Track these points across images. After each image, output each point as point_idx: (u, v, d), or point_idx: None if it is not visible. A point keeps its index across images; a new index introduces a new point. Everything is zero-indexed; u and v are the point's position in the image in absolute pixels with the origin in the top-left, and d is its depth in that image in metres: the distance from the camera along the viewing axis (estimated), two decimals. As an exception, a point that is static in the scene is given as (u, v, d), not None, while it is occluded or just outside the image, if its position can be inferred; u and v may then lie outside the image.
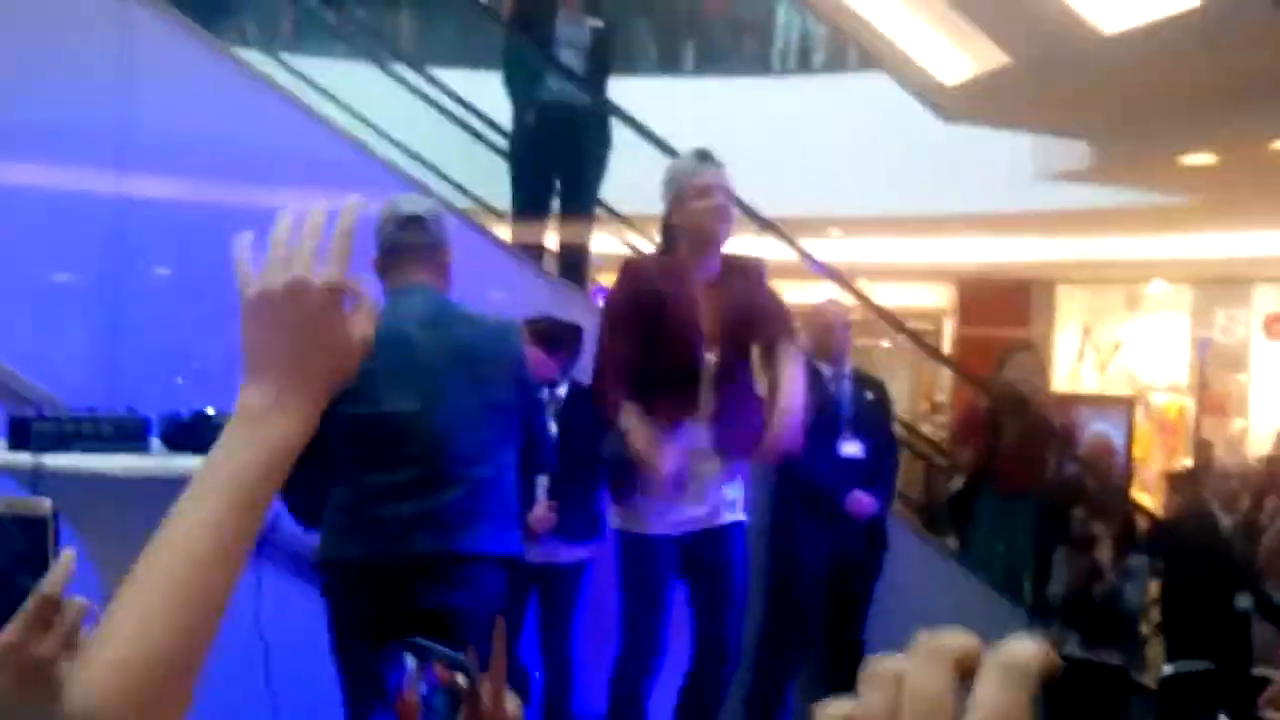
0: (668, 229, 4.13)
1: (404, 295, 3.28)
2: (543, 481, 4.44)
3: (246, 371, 0.96)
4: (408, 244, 3.33)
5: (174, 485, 3.05)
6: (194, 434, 3.33)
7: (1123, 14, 5.64)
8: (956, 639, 0.55)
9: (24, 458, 3.10)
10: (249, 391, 0.96)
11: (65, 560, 1.07)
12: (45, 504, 1.07)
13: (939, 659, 0.55)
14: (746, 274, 4.06)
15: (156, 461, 3.26)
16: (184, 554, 0.92)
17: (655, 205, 6.29)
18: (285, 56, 6.41)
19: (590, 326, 4.80)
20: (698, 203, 3.88)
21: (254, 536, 0.93)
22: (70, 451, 3.16)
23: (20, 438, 3.19)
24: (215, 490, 0.94)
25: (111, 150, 4.27)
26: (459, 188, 6.05)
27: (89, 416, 3.29)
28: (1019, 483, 5.74)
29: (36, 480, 3.10)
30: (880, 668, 0.55)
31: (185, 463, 3.26)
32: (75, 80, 4.30)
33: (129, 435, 3.30)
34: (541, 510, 4.47)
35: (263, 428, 0.94)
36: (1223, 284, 10.99)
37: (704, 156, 4.05)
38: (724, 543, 4.08)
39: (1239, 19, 5.30)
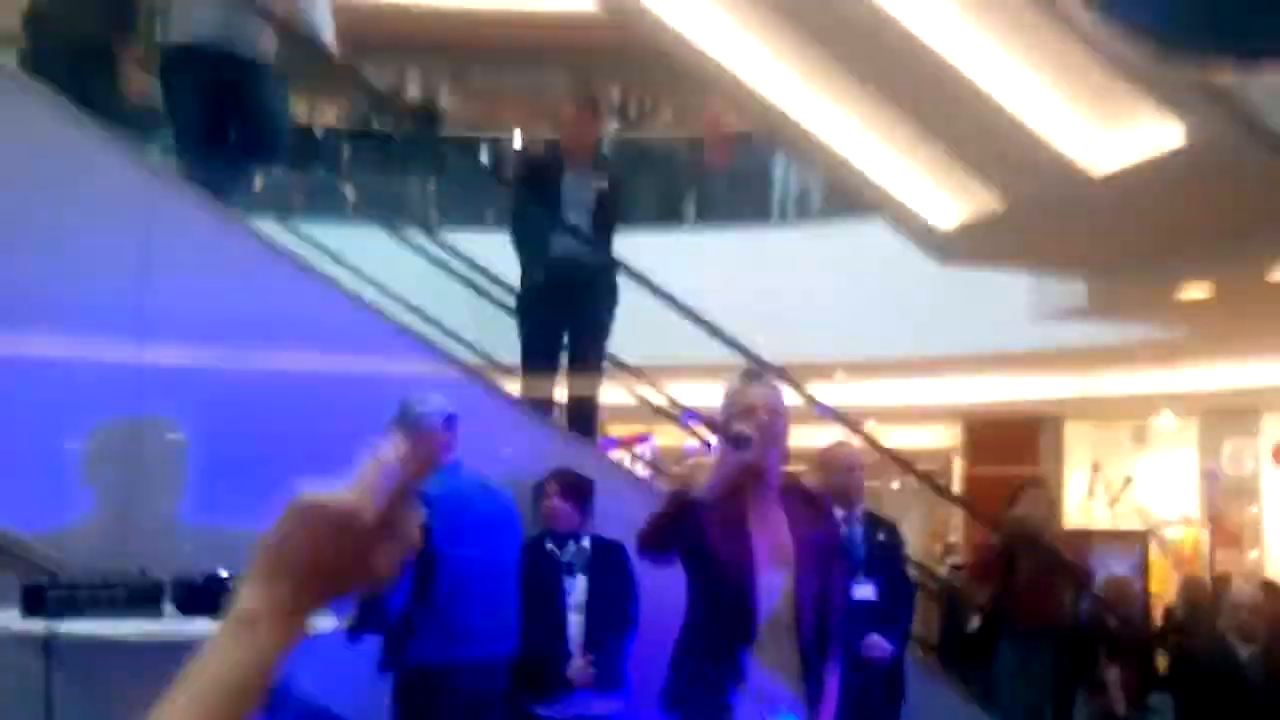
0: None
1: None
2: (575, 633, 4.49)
3: (257, 570, 0.94)
4: None
5: (187, 649, 3.05)
6: (207, 597, 3.36)
7: (1111, 156, 5.81)
8: None
9: (38, 625, 3.12)
10: (252, 592, 0.94)
11: None
12: None
13: None
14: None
15: (169, 625, 3.28)
16: None
17: (660, 356, 6.44)
18: (297, 223, 6.58)
19: (600, 479, 4.85)
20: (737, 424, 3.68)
21: None
22: (84, 617, 3.18)
23: (34, 605, 3.21)
24: (199, 689, 0.92)
25: (129, 320, 4.37)
26: (470, 346, 6.15)
27: (102, 582, 3.32)
28: (1036, 619, 5.70)
29: (50, 647, 3.12)
30: None
31: (198, 626, 3.27)
32: (96, 253, 4.42)
33: (142, 599, 3.33)
34: (580, 662, 4.46)
35: (256, 632, 0.93)
36: (1229, 415, 11.01)
37: (751, 376, 3.88)
38: None
39: (1224, 155, 5.44)
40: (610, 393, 6.17)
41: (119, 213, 4.52)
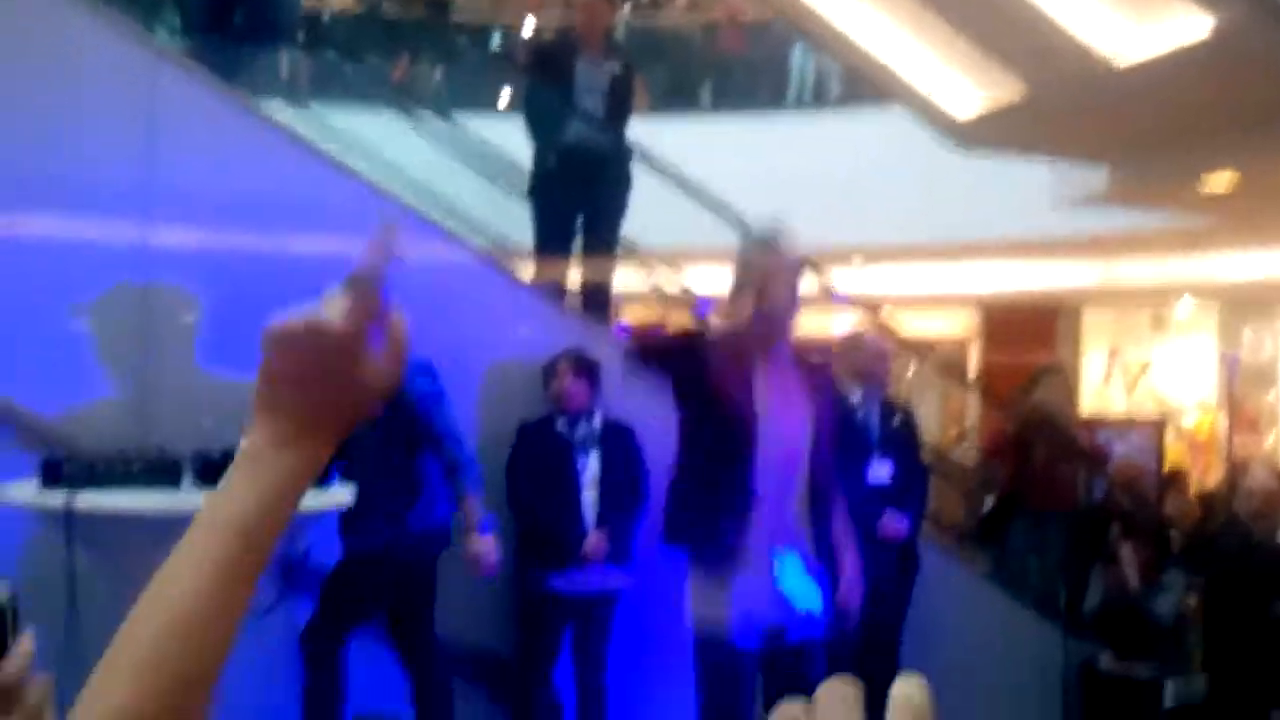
0: None
1: None
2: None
3: (256, 410, 0.91)
4: None
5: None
6: (225, 470, 3.37)
7: (1134, 47, 5.68)
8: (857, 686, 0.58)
9: (56, 497, 3.15)
10: (256, 431, 0.91)
11: (24, 645, 1.01)
12: (3, 592, 1.02)
13: (846, 702, 0.58)
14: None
15: (188, 499, 3.30)
16: (181, 597, 0.86)
17: (676, 241, 6.40)
18: (306, 105, 6.51)
19: (612, 362, 4.85)
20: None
21: (256, 579, 0.88)
22: (102, 490, 3.20)
23: (53, 477, 3.24)
24: (215, 531, 0.88)
25: (136, 201, 4.35)
26: (482, 230, 6.12)
27: (120, 456, 3.34)
28: (1051, 502, 5.73)
29: (69, 519, 3.15)
30: (789, 712, 0.58)
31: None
32: (101, 134, 4.38)
33: (160, 473, 3.35)
34: (595, 538, 4.51)
35: (267, 468, 0.90)
36: (1249, 303, 10.94)
37: (765, 243, 3.80)
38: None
39: (1248, 46, 5.32)
40: (624, 279, 6.15)
41: (124, 93, 4.46)
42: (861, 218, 9.06)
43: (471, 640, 4.62)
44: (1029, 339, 11.03)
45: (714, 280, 8.50)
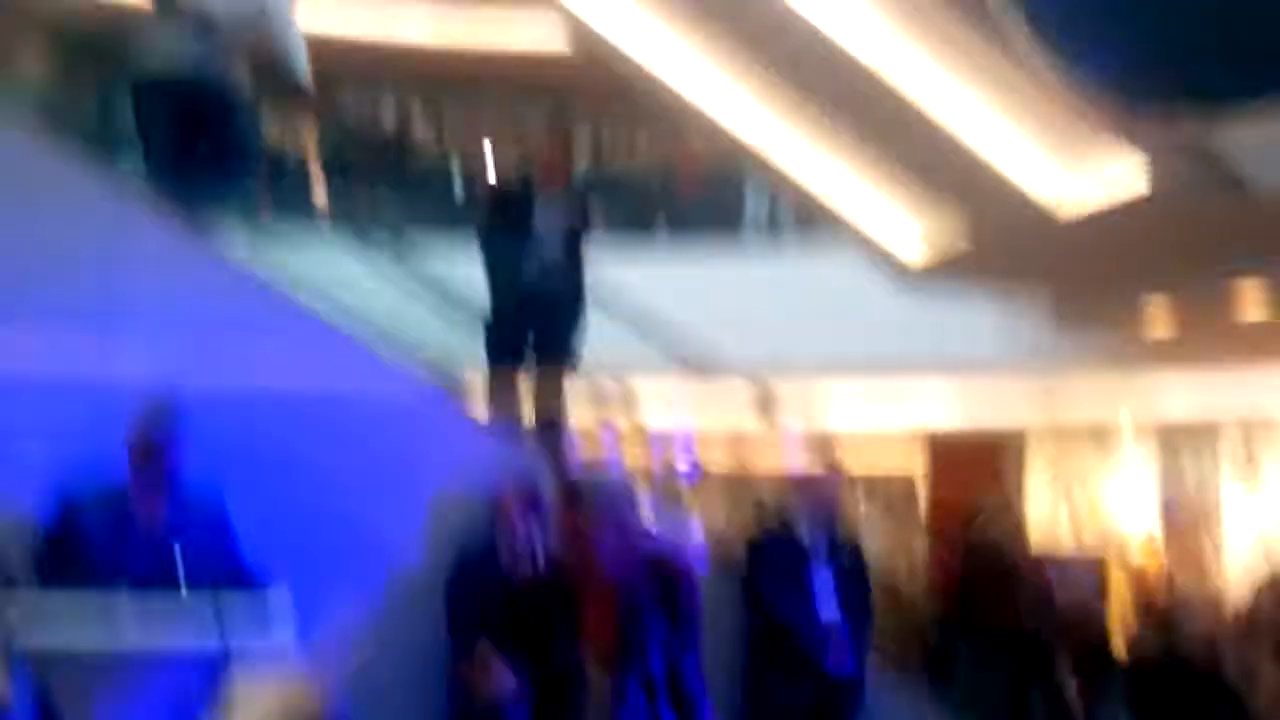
0: None
1: None
2: None
3: None
4: None
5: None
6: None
7: (1076, 198, 5.90)
8: None
9: None
10: None
11: None
12: None
13: None
14: None
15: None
16: None
17: (629, 374, 6.49)
18: (267, 244, 6.60)
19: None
20: None
21: None
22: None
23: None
24: None
25: (97, 335, 4.40)
26: (440, 363, 6.18)
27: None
28: (994, 620, 5.77)
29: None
30: None
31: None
32: (62, 269, 4.45)
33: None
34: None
35: None
36: (1189, 433, 11.12)
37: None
38: None
39: (1185, 200, 5.50)
40: (582, 406, 6.20)
41: (84, 225, 4.54)
42: (812, 351, 9.23)
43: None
44: (974, 474, 11.15)
45: (664, 413, 8.59)
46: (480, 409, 5.70)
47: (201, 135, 5.28)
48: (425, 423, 5.01)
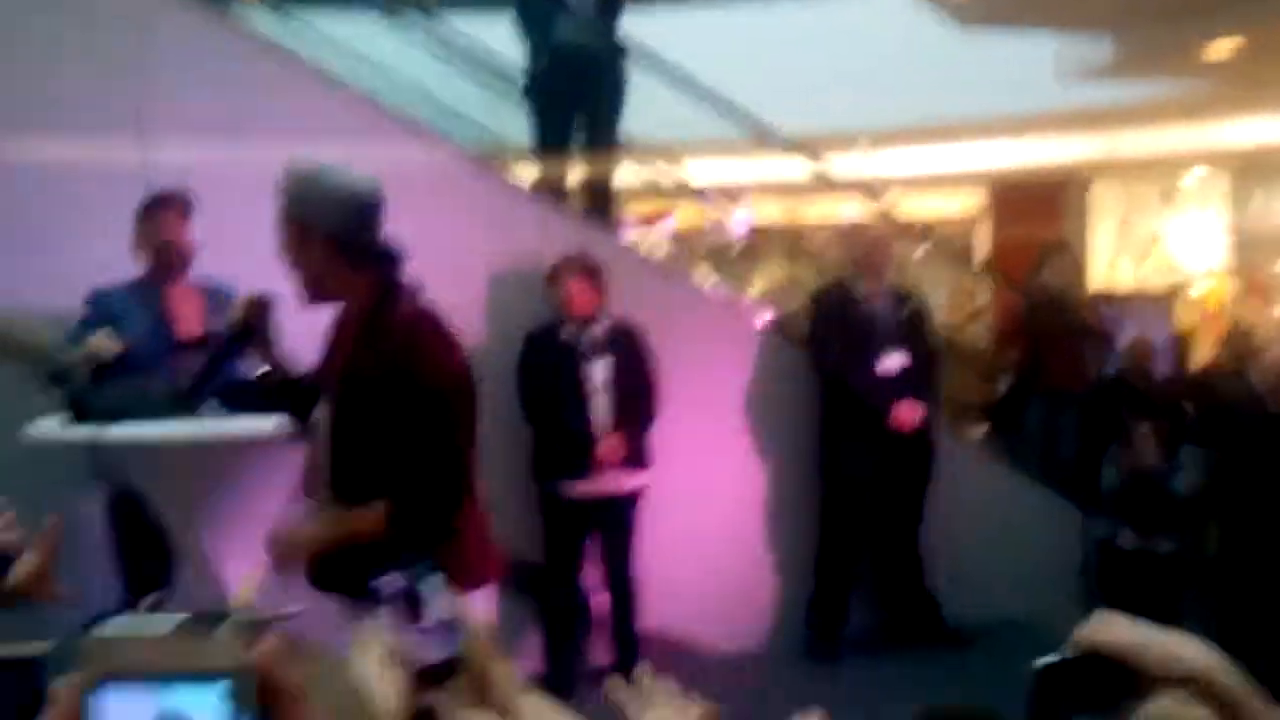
0: None
1: None
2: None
3: None
4: None
5: (233, 446, 3.05)
6: (250, 394, 3.38)
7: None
8: None
9: (83, 432, 3.16)
10: None
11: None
12: (39, 646, 1.05)
13: None
14: None
15: (211, 426, 3.30)
16: None
17: (675, 134, 6.32)
18: (297, 15, 6.38)
19: (617, 263, 4.82)
20: None
21: None
22: (128, 421, 3.21)
23: (78, 413, 3.24)
24: None
25: (131, 120, 4.30)
26: (480, 131, 6.04)
27: (139, 387, 3.34)
28: (1064, 381, 5.73)
29: (94, 452, 3.16)
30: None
31: (238, 426, 3.31)
32: (93, 55, 4.32)
33: (186, 400, 3.34)
34: (610, 443, 4.53)
35: None
36: (1259, 169, 10.82)
37: None
38: None
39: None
40: (627, 173, 6.08)
41: (117, 10, 4.38)
42: (863, 102, 8.94)
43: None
44: (1038, 215, 10.94)
45: (715, 170, 8.41)
46: (527, 178, 5.59)
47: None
48: (473, 195, 4.90)
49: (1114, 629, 0.96)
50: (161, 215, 3.93)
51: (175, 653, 0.78)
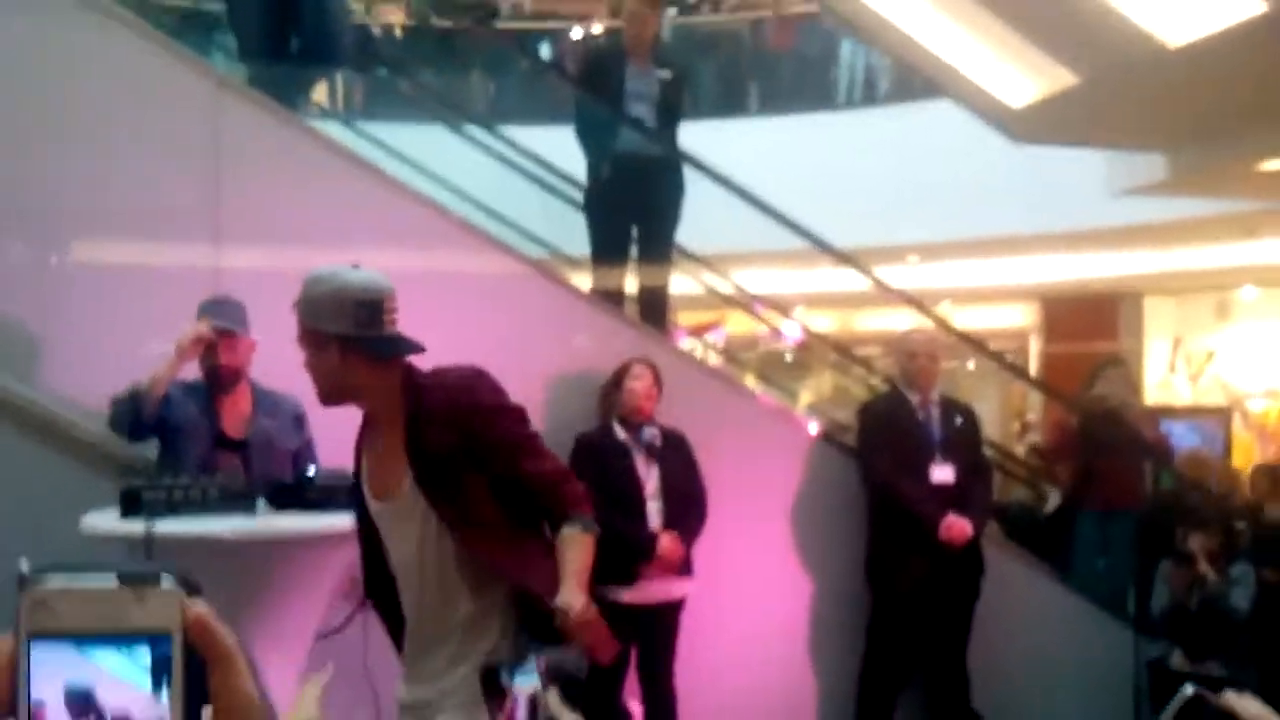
0: None
1: None
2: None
3: None
4: None
5: (280, 545, 3.11)
6: (297, 495, 3.45)
7: (1187, 26, 5.60)
8: None
9: (136, 525, 3.23)
10: None
11: None
12: None
13: None
14: None
15: (262, 522, 3.37)
16: None
17: (728, 245, 6.41)
18: (361, 125, 6.59)
19: (671, 368, 4.87)
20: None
21: None
22: (179, 517, 3.28)
23: (132, 506, 3.32)
24: None
25: (203, 225, 4.45)
26: (538, 241, 6.16)
27: (196, 483, 3.42)
28: (1117, 498, 5.67)
29: (149, 547, 3.22)
30: None
31: (289, 523, 3.37)
32: (167, 160, 4.48)
33: (235, 500, 3.42)
34: (668, 543, 4.54)
35: None
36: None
37: None
38: None
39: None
40: (680, 282, 6.18)
41: (190, 120, 4.55)
42: (914, 214, 9.02)
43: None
44: (1091, 329, 10.91)
45: (769, 280, 8.49)
46: (584, 285, 5.68)
47: (293, 25, 5.24)
48: (532, 301, 5.00)
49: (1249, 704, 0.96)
50: (238, 340, 3.95)
51: (108, 613, 0.76)
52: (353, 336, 2.63)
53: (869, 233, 7.88)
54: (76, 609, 0.76)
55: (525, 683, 1.96)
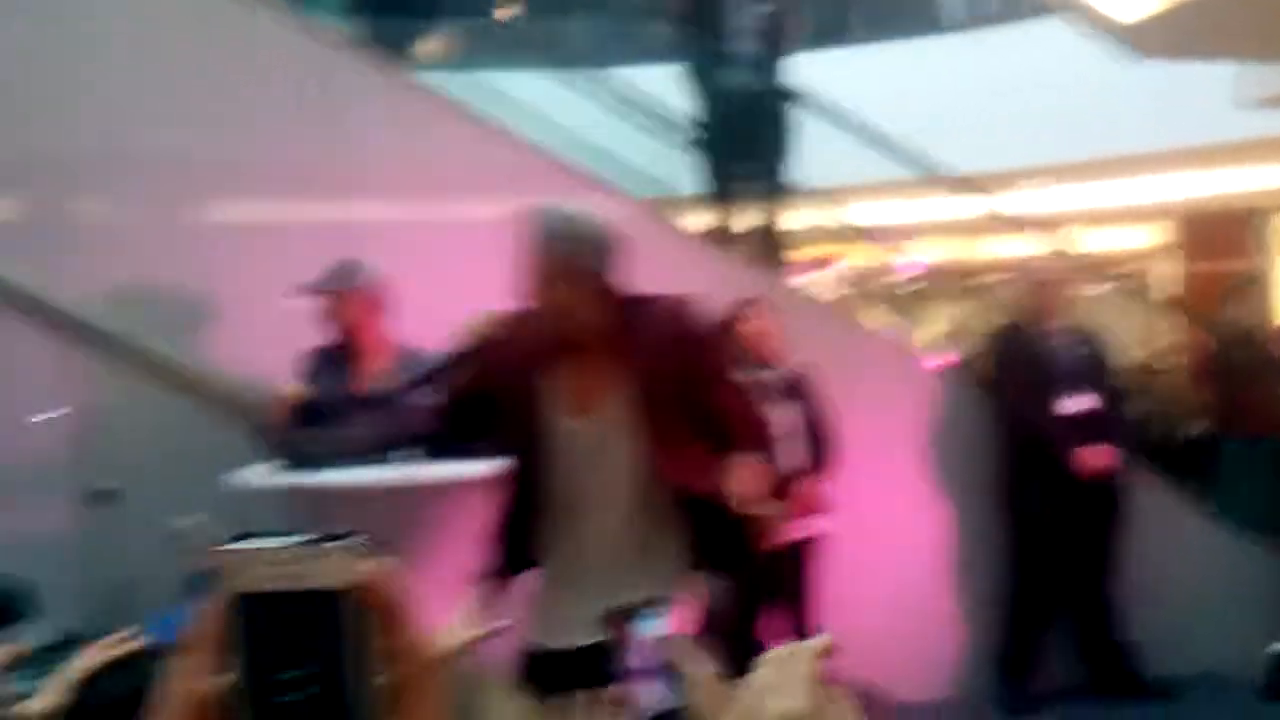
0: None
1: None
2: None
3: None
4: None
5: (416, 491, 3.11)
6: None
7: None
8: None
9: (285, 478, 3.31)
10: None
11: None
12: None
13: None
14: None
15: (393, 472, 3.42)
16: None
17: (843, 177, 6.29)
18: (467, 73, 6.58)
19: (788, 307, 4.81)
20: None
21: None
22: (324, 469, 3.34)
23: (283, 460, 3.40)
24: None
25: (327, 181, 4.51)
26: (645, 182, 6.12)
27: (339, 435, 3.48)
28: (1260, 424, 5.47)
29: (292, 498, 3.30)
30: None
31: (425, 472, 3.41)
32: (285, 123, 4.53)
33: (370, 450, 3.47)
34: (811, 482, 4.52)
35: None
36: None
37: None
38: None
39: None
40: (796, 217, 6.08)
41: (307, 80, 4.59)
42: (1036, 137, 8.76)
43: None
44: (1223, 247, 10.54)
45: (884, 211, 8.33)
46: (696, 226, 5.63)
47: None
48: (644, 243, 4.95)
49: None
50: (346, 298, 3.97)
51: (292, 572, 0.84)
52: (602, 270, 2.72)
53: (988, 157, 7.67)
54: (267, 569, 0.86)
55: (651, 628, 1.95)
